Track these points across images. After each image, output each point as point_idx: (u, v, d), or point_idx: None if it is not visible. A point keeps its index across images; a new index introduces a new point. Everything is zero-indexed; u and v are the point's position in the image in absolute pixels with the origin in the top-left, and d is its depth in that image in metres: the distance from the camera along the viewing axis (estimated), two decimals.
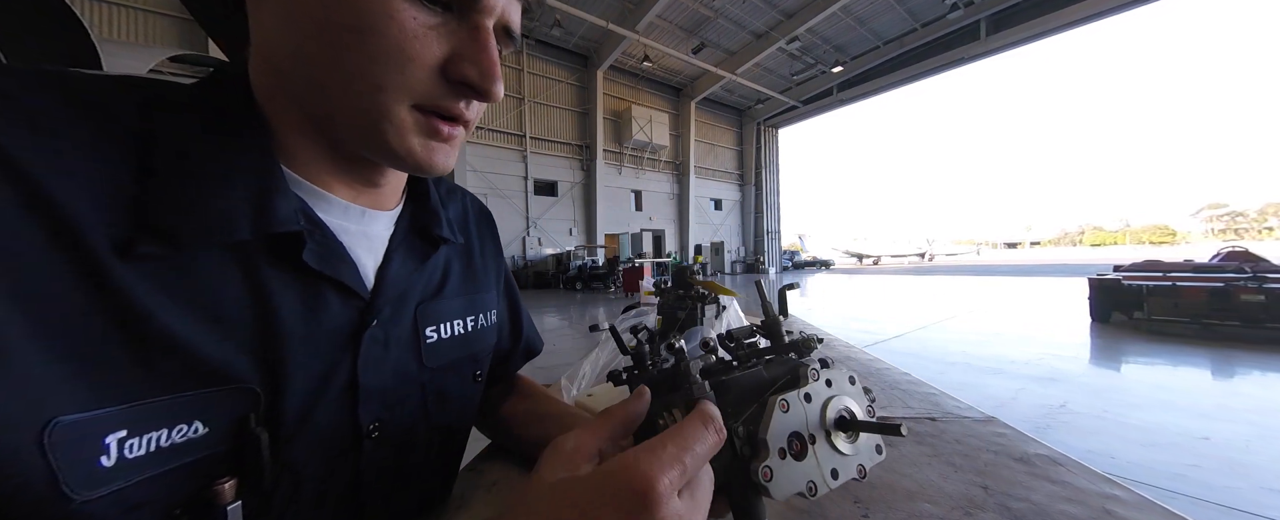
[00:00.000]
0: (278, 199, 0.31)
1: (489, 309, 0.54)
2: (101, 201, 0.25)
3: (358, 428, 0.37)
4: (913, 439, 0.69)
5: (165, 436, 0.27)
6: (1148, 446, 2.70)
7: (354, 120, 0.31)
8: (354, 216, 0.38)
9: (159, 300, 0.26)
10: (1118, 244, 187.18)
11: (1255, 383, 3.86)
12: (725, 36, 18.01)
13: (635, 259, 15.53)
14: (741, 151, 25.57)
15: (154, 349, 0.26)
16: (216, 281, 0.29)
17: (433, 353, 0.44)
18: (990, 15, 16.62)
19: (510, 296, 0.63)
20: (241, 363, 0.30)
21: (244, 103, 0.33)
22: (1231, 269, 5.79)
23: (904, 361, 2.42)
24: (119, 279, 0.25)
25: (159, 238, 0.27)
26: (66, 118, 0.26)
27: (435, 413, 0.45)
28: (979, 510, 0.50)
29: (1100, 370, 4.40)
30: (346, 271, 0.35)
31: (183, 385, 0.27)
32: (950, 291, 12.15)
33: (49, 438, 0.22)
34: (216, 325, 0.29)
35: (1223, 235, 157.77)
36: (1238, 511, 2.04)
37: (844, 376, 0.35)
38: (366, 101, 0.30)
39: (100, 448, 0.24)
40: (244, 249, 0.30)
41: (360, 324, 0.37)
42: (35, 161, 0.24)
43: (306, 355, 0.33)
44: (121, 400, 0.25)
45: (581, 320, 8.07)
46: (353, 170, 0.37)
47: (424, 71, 0.30)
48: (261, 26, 0.31)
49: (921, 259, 51.59)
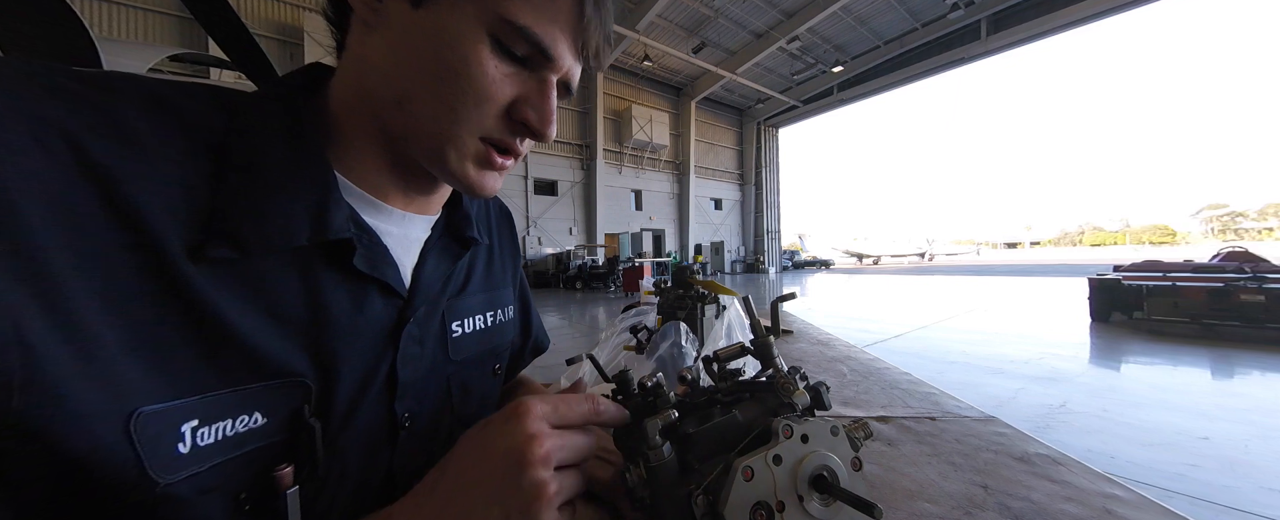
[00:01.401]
0: (332, 208, 0.33)
1: (507, 305, 0.56)
2: (177, 207, 0.27)
3: (394, 419, 0.39)
4: (913, 438, 0.69)
5: (230, 426, 0.29)
6: (1147, 446, 2.71)
7: (427, 141, 0.35)
8: (396, 220, 0.41)
9: (225, 300, 0.29)
10: (1118, 244, 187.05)
11: (1255, 383, 3.86)
12: (725, 36, 18.00)
13: (635, 258, 15.53)
14: (742, 151, 25.56)
15: (220, 345, 0.28)
16: (276, 283, 0.32)
17: (458, 347, 0.47)
18: (990, 15, 16.61)
19: (522, 294, 0.65)
20: (298, 358, 0.32)
21: (311, 115, 0.36)
22: (1231, 269, 5.80)
23: (904, 361, 2.42)
24: (190, 280, 0.27)
25: (228, 243, 0.28)
26: (152, 128, 0.27)
27: (459, 405, 0.47)
28: (979, 509, 0.50)
29: (1100, 370, 4.40)
30: (391, 273, 0.38)
31: (245, 379, 0.29)
32: (950, 291, 12.15)
33: (134, 426, 0.24)
34: (276, 323, 0.31)
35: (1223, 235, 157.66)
36: (1237, 511, 2.04)
37: (825, 429, 0.31)
38: (443, 127, 0.34)
39: (177, 436, 0.26)
40: (301, 253, 0.33)
41: (399, 321, 0.39)
42: (120, 168, 0.25)
43: (354, 351, 0.35)
44: (193, 392, 0.27)
45: (581, 319, 8.07)
46: (409, 180, 0.41)
47: (495, 110, 0.35)
48: (363, 52, 0.35)
49: (921, 259, 51.56)
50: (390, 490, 0.40)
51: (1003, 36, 16.54)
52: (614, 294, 12.46)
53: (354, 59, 0.36)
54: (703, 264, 20.40)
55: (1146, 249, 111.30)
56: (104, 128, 0.25)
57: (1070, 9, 14.83)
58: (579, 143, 18.17)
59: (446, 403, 0.46)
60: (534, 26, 0.33)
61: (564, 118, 17.72)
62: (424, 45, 0.33)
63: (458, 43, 0.32)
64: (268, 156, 0.31)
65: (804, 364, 1.41)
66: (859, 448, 0.33)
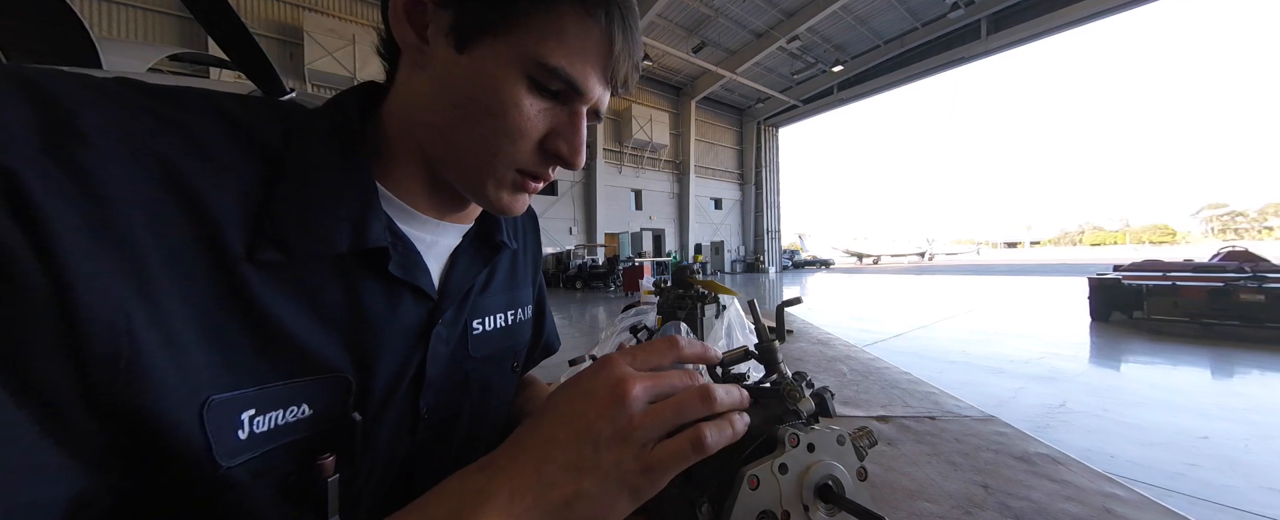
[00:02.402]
0: (371, 219, 0.36)
1: (526, 304, 0.58)
2: (237, 213, 0.30)
3: (417, 413, 0.42)
4: (913, 438, 0.69)
5: (281, 416, 0.31)
6: (1147, 445, 2.71)
7: (466, 172, 0.38)
8: (430, 228, 0.43)
9: (277, 300, 0.31)
10: (1118, 244, 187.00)
11: (1254, 382, 3.87)
12: (725, 35, 17.99)
13: (635, 258, 15.52)
14: (742, 151, 25.56)
15: (273, 340, 0.31)
16: (321, 286, 0.34)
17: (477, 344, 0.48)
18: (991, 15, 16.61)
19: (540, 295, 0.67)
20: (339, 355, 0.34)
21: (361, 131, 0.38)
22: (1231, 269, 5.80)
23: (904, 360, 2.42)
24: (247, 279, 0.30)
25: (278, 247, 0.31)
26: (221, 140, 0.30)
27: (478, 401, 0.49)
28: (979, 509, 0.50)
29: (1100, 369, 4.40)
30: (422, 278, 0.41)
31: (294, 372, 0.32)
32: (950, 291, 12.15)
33: (206, 413, 0.27)
34: (320, 323, 0.33)
35: (1223, 235, 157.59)
36: (1236, 510, 2.04)
37: (831, 438, 0.31)
38: (483, 161, 0.37)
39: (237, 423, 0.29)
40: (341, 260, 0.35)
41: (429, 322, 0.42)
42: (198, 181, 0.28)
43: (388, 350, 0.38)
44: (252, 384, 0.30)
45: (582, 319, 8.07)
46: (444, 196, 0.43)
47: (529, 145, 0.37)
48: (411, 86, 0.38)
49: (921, 258, 51.55)
50: (408, 482, 0.42)
51: (1003, 36, 16.54)
52: (614, 294, 12.46)
53: (403, 90, 0.39)
54: (703, 264, 20.40)
55: (1146, 249, 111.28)
56: (186, 144, 0.28)
57: (1070, 9, 14.82)
58: None
59: (465, 398, 0.47)
60: (568, 67, 0.35)
61: None
62: (466, 86, 0.35)
63: (497, 85, 0.35)
64: (316, 170, 0.34)
65: (804, 363, 1.40)
66: (864, 456, 0.33)
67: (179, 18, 10.66)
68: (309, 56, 11.70)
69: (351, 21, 12.68)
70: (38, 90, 0.24)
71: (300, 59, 11.73)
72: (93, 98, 0.26)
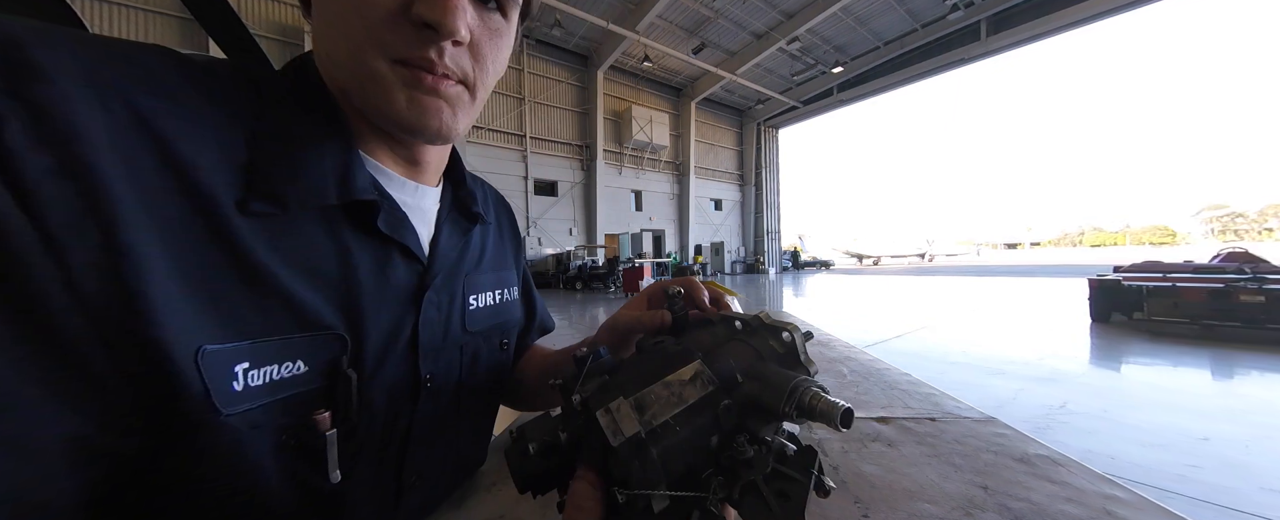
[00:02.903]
0: (356, 171, 0.36)
1: (511, 285, 0.60)
2: (224, 165, 0.30)
3: (418, 379, 0.42)
4: (913, 439, 0.69)
5: (276, 371, 0.31)
6: (1148, 447, 2.70)
7: (354, 85, 0.35)
8: (409, 190, 0.43)
9: (269, 253, 0.31)
10: (1118, 245, 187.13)
11: (1255, 383, 3.86)
12: (725, 37, 18.02)
13: (635, 259, 15.52)
14: (742, 152, 25.58)
15: (266, 295, 0.31)
16: (311, 240, 0.34)
17: (474, 319, 0.50)
18: (990, 16, 16.63)
19: (525, 279, 0.70)
20: (331, 312, 0.34)
21: (323, 90, 0.38)
22: (1231, 270, 5.80)
23: (904, 361, 2.42)
24: (238, 232, 0.30)
25: (268, 199, 0.31)
26: (196, 93, 0.30)
27: (468, 374, 0.50)
28: (979, 510, 0.50)
29: (1100, 370, 4.40)
30: (410, 238, 0.41)
31: (288, 328, 0.32)
32: (950, 292, 12.15)
33: (201, 360, 0.27)
34: (312, 278, 0.34)
35: (1223, 236, 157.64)
36: (1237, 512, 2.04)
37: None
38: (353, 61, 0.34)
39: (231, 374, 0.29)
40: (330, 214, 0.35)
41: (419, 287, 0.42)
42: (172, 128, 0.28)
43: (379, 310, 0.38)
44: (245, 337, 0.30)
45: (582, 319, 8.07)
46: (396, 149, 0.42)
47: (380, 13, 0.32)
48: (314, 25, 0.36)
49: (921, 259, 51.58)
50: (406, 446, 0.43)
51: (1003, 37, 16.55)
52: (614, 294, 12.47)
53: (314, 35, 0.38)
54: (703, 264, 20.40)
55: (1147, 249, 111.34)
56: (154, 89, 0.28)
57: (1070, 9, 14.84)
58: (579, 143, 18.18)
59: (458, 370, 0.49)
60: None
61: (564, 118, 17.74)
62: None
63: None
64: (299, 124, 0.34)
65: None
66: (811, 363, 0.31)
67: (179, 18, 10.67)
68: None
69: None
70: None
71: None
72: (55, 39, 0.25)
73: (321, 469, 0.34)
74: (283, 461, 0.33)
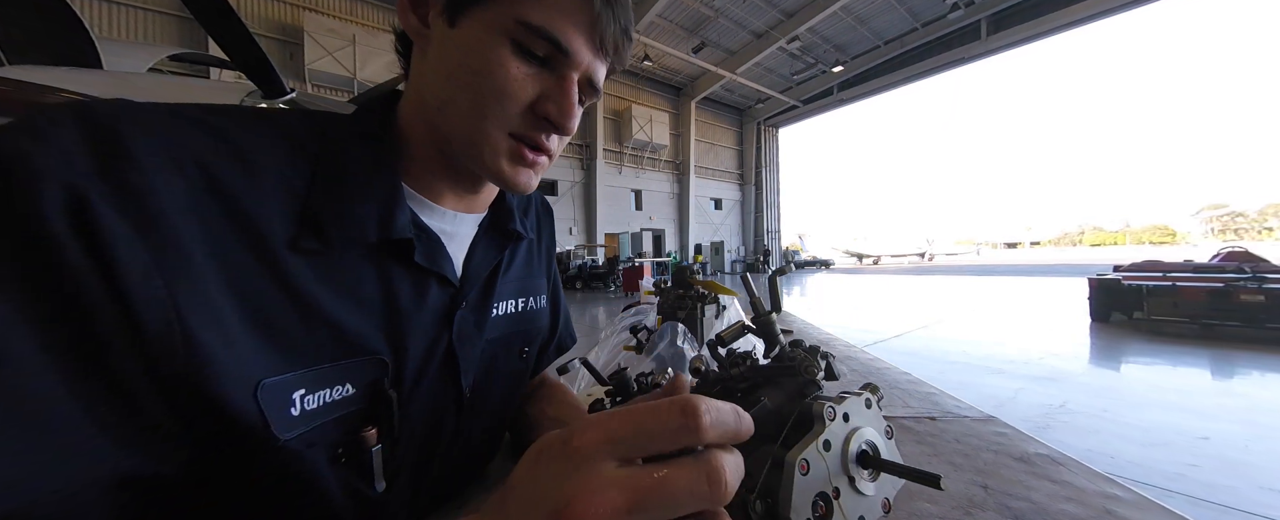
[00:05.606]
0: (397, 212, 0.39)
1: (540, 294, 0.61)
2: (282, 209, 0.34)
3: (460, 392, 0.46)
4: (913, 438, 0.69)
5: (328, 394, 0.35)
6: (1147, 446, 2.71)
7: (464, 139, 0.40)
8: (449, 220, 0.47)
9: (318, 285, 0.34)
10: (1118, 244, 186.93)
11: (1255, 383, 3.87)
12: (726, 36, 17.99)
13: (635, 258, 15.52)
14: (742, 151, 25.55)
15: (317, 325, 0.34)
16: (357, 275, 0.37)
17: (491, 325, 0.51)
18: (991, 15, 16.61)
19: (554, 289, 0.69)
20: (376, 338, 0.38)
21: (384, 131, 0.42)
22: (1231, 269, 5.80)
23: (904, 361, 2.42)
24: (291, 269, 0.33)
25: (316, 236, 0.35)
26: (264, 145, 0.34)
27: (484, 378, 0.51)
28: (979, 509, 0.50)
29: (1100, 370, 4.40)
30: (446, 266, 0.44)
31: (337, 355, 0.35)
32: (950, 291, 12.15)
33: (260, 394, 0.30)
34: (358, 307, 0.37)
35: (1223, 235, 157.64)
36: (1237, 511, 2.04)
37: (860, 403, 0.30)
38: (475, 124, 0.39)
39: (290, 402, 0.32)
40: (373, 250, 0.39)
41: (452, 306, 0.45)
42: (239, 185, 0.32)
43: (418, 332, 0.41)
44: (300, 366, 0.33)
45: (581, 319, 8.07)
46: (459, 181, 0.46)
47: (517, 107, 0.39)
48: (420, 70, 0.42)
49: (921, 259, 51.52)
50: (456, 445, 0.48)
51: (1003, 36, 16.53)
52: (614, 294, 12.47)
53: (413, 81, 0.43)
54: (703, 264, 20.39)
55: (1147, 249, 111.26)
56: (226, 153, 0.32)
57: (1070, 9, 14.82)
58: (579, 142, 18.16)
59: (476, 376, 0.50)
60: (547, 25, 0.37)
61: None
62: (458, 56, 0.38)
63: (483, 49, 0.37)
64: (347, 169, 0.38)
65: None
66: (881, 404, 0.32)
67: (179, 18, 10.65)
68: (309, 57, 11.69)
69: (351, 22, 12.68)
70: (90, 117, 0.27)
71: (300, 59, 11.72)
72: (148, 123, 0.29)
73: (369, 479, 0.38)
74: (335, 472, 0.36)
